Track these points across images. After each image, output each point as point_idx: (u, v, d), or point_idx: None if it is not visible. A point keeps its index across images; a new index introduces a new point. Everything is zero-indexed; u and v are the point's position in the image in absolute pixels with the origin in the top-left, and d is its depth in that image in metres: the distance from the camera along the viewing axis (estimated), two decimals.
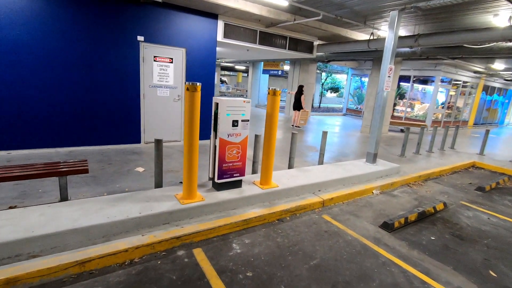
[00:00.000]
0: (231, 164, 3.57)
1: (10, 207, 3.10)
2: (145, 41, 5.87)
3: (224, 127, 3.39)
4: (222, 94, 26.32)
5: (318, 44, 9.09)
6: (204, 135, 6.72)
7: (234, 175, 3.64)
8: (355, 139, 9.32)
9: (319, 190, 4.34)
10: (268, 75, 18.25)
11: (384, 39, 6.89)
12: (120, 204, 3.02)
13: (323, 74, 22.76)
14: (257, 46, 7.57)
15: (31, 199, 3.37)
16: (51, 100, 5.15)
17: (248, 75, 19.23)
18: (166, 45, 6.12)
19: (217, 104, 3.35)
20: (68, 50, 5.15)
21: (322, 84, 22.95)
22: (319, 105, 21.59)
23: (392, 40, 5.09)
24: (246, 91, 23.63)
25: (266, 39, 7.73)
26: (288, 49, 8.19)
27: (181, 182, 4.22)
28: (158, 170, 3.60)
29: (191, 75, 6.56)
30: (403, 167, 6.01)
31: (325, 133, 5.27)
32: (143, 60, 5.94)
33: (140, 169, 4.64)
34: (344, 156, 6.80)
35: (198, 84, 2.99)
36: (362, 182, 4.91)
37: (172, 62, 6.28)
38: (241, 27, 7.15)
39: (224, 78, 34.35)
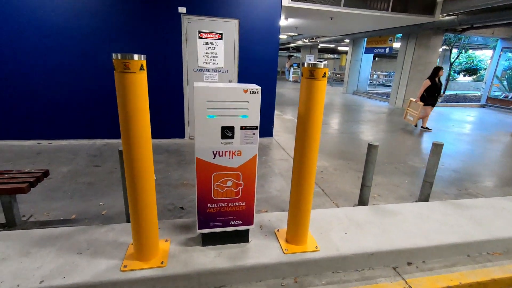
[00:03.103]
0: (223, 204, 1.99)
1: None
2: (187, 13, 4.73)
3: (204, 138, 1.82)
4: None
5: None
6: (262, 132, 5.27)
7: (231, 222, 2.05)
8: (500, 148, 5.93)
9: (409, 264, 2.24)
10: (372, 54, 14.90)
11: None
12: (37, 253, 1.94)
13: (454, 51, 17.24)
14: (342, 9, 5.39)
15: None
16: (84, 88, 4.70)
17: (347, 56, 16.24)
18: (213, 16, 4.83)
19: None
20: (97, 30, 4.51)
21: (451, 64, 17.49)
22: (444, 92, 16.56)
23: None
24: None
25: None
26: (392, 11, 5.60)
27: (181, 208, 2.93)
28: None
29: (245, 54, 5.10)
30: None
31: (437, 148, 2.92)
32: (185, 38, 4.85)
33: None
34: (476, 181, 4.05)
35: (135, 58, 1.51)
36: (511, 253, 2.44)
37: (221, 38, 4.96)
38: None
39: (325, 62, 31.47)
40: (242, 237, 2.14)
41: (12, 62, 4.38)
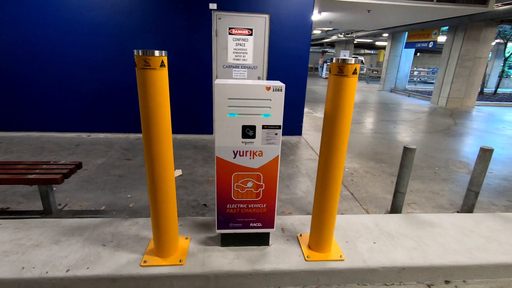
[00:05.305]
0: (243, 205, 1.93)
1: None
2: (218, 9, 4.72)
3: (225, 137, 1.77)
4: None
5: None
6: (291, 130, 5.15)
7: (251, 224, 1.99)
8: None
9: (447, 282, 2.01)
10: (413, 49, 13.93)
11: None
12: (66, 242, 2.03)
13: (509, 44, 15.52)
14: (380, 1, 5.04)
15: (24, 204, 2.93)
16: (120, 84, 4.91)
17: (386, 52, 15.31)
18: (244, 12, 4.77)
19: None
20: (132, 28, 4.67)
21: (506, 60, 15.78)
22: (495, 91, 15.03)
23: None
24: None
25: None
26: (437, 1, 5.12)
27: (204, 205, 2.93)
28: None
29: (275, 50, 4.99)
30: None
31: (486, 153, 2.60)
32: (216, 34, 4.85)
33: (177, 173, 3.66)
34: None
35: (156, 54, 1.48)
36: None
37: (251, 34, 4.90)
38: None
39: (361, 58, 30.22)
40: (262, 240, 2.07)
41: (60, 58, 4.70)
